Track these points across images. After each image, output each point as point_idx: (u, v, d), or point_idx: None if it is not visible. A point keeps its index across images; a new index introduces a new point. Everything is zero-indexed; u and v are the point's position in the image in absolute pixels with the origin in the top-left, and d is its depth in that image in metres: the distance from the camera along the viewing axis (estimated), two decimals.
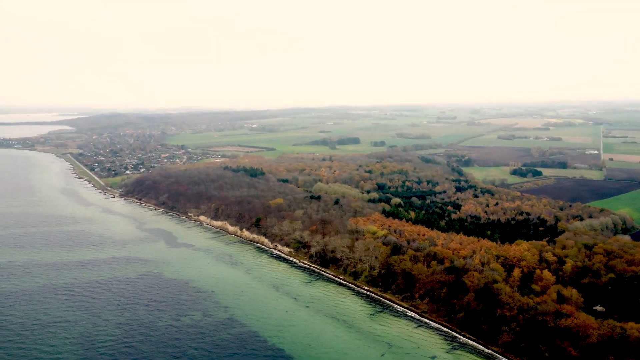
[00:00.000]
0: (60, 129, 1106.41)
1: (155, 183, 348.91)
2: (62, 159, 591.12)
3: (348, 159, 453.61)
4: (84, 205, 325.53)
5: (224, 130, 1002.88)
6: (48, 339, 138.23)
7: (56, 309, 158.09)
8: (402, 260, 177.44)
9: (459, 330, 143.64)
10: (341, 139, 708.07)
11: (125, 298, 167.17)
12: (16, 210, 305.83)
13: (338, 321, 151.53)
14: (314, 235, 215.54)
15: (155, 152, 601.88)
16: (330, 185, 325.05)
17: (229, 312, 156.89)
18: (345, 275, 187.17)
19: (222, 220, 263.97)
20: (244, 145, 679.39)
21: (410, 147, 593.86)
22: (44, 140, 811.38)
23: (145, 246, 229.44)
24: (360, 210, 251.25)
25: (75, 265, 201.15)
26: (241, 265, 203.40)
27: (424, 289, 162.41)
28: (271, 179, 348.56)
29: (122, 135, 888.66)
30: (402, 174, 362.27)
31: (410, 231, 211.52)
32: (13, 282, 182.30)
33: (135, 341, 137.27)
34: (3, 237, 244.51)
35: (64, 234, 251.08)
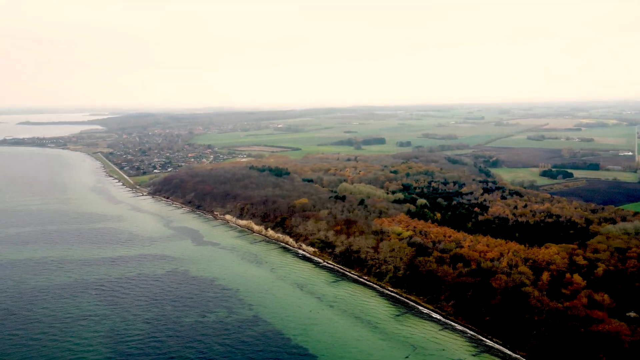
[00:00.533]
0: (91, 129, 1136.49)
1: (182, 182, 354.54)
2: (93, 157, 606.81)
3: (373, 160, 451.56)
4: (113, 203, 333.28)
5: (249, 130, 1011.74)
6: (80, 332, 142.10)
7: (87, 304, 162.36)
8: (427, 261, 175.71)
9: (485, 334, 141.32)
10: (366, 139, 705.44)
11: (153, 294, 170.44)
12: (50, 208, 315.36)
13: (362, 322, 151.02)
14: (338, 236, 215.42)
15: (182, 152, 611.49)
16: (355, 185, 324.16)
17: (254, 310, 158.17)
18: (369, 276, 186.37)
19: (247, 219, 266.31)
20: (269, 145, 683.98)
21: (437, 148, 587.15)
22: (76, 140, 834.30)
23: (173, 244, 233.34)
24: (385, 210, 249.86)
25: (105, 262, 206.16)
26: (266, 264, 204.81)
27: (449, 291, 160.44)
28: (296, 178, 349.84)
29: (150, 134, 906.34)
30: (428, 175, 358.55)
31: (436, 232, 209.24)
32: (46, 277, 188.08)
33: (162, 336, 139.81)
34: (37, 233, 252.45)
35: (94, 231, 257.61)
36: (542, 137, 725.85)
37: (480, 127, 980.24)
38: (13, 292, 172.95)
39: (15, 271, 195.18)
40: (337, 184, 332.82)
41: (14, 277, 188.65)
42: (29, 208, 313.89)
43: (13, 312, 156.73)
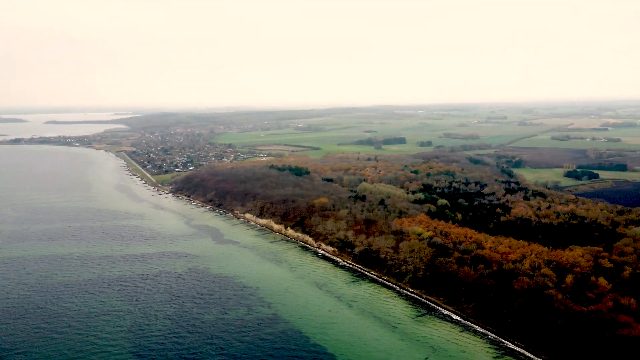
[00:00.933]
0: (115, 128, 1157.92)
1: (203, 181, 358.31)
2: (116, 156, 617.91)
3: (393, 159, 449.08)
4: (136, 201, 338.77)
5: (270, 129, 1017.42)
6: (103, 327, 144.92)
7: (110, 299, 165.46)
8: (448, 262, 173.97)
9: (506, 337, 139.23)
10: (387, 139, 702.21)
11: (174, 291, 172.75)
12: (75, 205, 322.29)
13: (381, 322, 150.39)
14: (358, 235, 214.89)
15: (203, 151, 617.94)
16: (375, 185, 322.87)
17: (273, 308, 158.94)
18: (389, 276, 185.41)
19: (267, 218, 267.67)
20: (289, 144, 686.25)
21: (458, 148, 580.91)
22: (100, 139, 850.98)
23: (194, 242, 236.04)
24: (405, 210, 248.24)
25: (128, 258, 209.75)
26: (285, 263, 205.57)
27: (470, 293, 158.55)
28: (316, 178, 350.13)
29: (172, 133, 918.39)
30: (449, 175, 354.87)
31: (456, 233, 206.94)
32: (71, 273, 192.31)
33: (183, 332, 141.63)
34: (63, 230, 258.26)
35: (118, 228, 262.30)
36: (566, 137, 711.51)
37: (502, 126, 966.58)
38: (40, 287, 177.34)
39: (42, 266, 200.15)
40: (357, 184, 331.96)
41: (41, 272, 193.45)
42: (55, 205, 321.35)
43: (40, 306, 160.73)
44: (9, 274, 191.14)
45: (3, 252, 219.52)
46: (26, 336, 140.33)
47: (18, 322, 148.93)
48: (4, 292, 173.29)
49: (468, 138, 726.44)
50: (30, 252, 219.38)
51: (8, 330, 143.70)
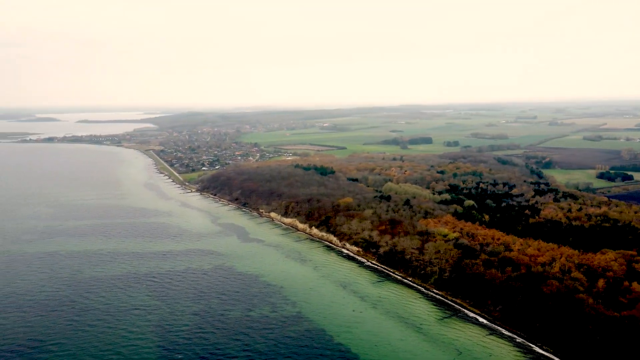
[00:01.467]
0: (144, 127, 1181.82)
1: (229, 179, 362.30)
2: (145, 155, 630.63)
3: (419, 159, 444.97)
4: (164, 199, 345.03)
5: (295, 128, 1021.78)
6: (131, 322, 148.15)
7: (139, 295, 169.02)
8: (474, 264, 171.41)
9: (534, 341, 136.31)
10: (413, 139, 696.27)
11: (200, 288, 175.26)
12: (105, 202, 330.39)
13: (406, 323, 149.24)
14: (382, 235, 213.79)
15: (230, 150, 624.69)
16: (400, 185, 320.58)
17: (297, 307, 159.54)
18: (414, 277, 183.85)
19: (292, 217, 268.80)
20: (314, 143, 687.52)
21: (486, 148, 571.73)
22: (130, 137, 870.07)
23: (219, 240, 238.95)
24: (431, 211, 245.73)
25: (156, 255, 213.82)
26: (310, 262, 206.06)
27: (497, 296, 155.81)
28: (341, 177, 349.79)
29: (199, 133, 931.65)
30: (476, 176, 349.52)
31: (483, 235, 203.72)
32: (101, 268, 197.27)
33: (209, 329, 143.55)
34: (94, 226, 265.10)
35: (146, 225, 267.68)
36: (599, 138, 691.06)
37: (532, 126, 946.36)
38: (71, 281, 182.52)
39: (74, 261, 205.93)
40: (382, 184, 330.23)
41: (73, 267, 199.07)
42: (87, 202, 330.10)
43: (72, 299, 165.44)
44: (43, 269, 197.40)
45: (38, 247, 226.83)
46: (59, 328, 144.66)
47: (52, 315, 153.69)
48: (39, 285, 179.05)
49: (496, 138, 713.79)
50: (62, 248, 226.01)
51: (43, 322, 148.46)
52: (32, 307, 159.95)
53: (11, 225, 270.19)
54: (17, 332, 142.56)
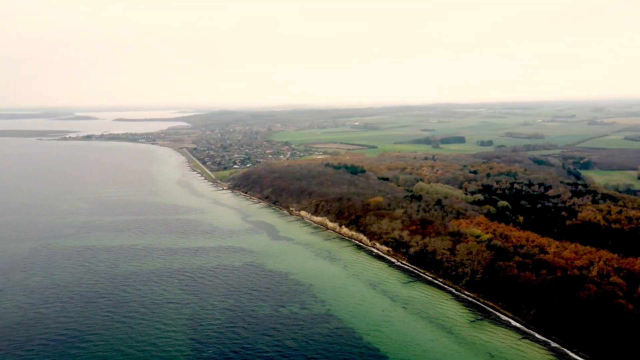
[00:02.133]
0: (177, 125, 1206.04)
1: (260, 177, 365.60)
2: (178, 152, 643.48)
3: (452, 159, 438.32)
4: (196, 196, 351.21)
5: (326, 127, 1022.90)
6: (163, 316, 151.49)
7: (170, 290, 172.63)
8: (507, 266, 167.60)
9: (570, 347, 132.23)
10: (445, 138, 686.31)
11: (230, 284, 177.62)
12: (140, 199, 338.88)
13: (436, 325, 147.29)
14: (413, 236, 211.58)
15: (260, 148, 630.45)
16: (432, 185, 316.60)
17: (326, 306, 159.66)
18: (444, 279, 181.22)
19: (322, 216, 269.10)
20: (345, 142, 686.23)
21: (521, 148, 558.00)
22: (164, 136, 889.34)
23: (250, 237, 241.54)
24: (463, 211, 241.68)
25: (189, 251, 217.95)
26: (339, 261, 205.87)
27: (531, 299, 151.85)
28: (371, 177, 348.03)
29: (231, 131, 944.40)
30: (510, 176, 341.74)
31: (517, 236, 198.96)
32: (136, 263, 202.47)
33: (238, 326, 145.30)
34: (129, 222, 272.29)
35: (179, 221, 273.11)
36: None
37: (570, 126, 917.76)
38: (107, 276, 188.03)
39: (110, 256, 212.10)
40: (413, 183, 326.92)
41: (109, 261, 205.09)
42: (123, 199, 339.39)
43: (108, 292, 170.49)
44: (82, 262, 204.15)
45: (76, 242, 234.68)
46: (97, 319, 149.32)
47: (89, 306, 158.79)
48: (77, 278, 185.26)
49: (532, 137, 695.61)
50: (99, 242, 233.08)
51: (78, 315, 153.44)
52: (71, 299, 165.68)
53: (52, 219, 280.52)
54: (57, 322, 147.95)
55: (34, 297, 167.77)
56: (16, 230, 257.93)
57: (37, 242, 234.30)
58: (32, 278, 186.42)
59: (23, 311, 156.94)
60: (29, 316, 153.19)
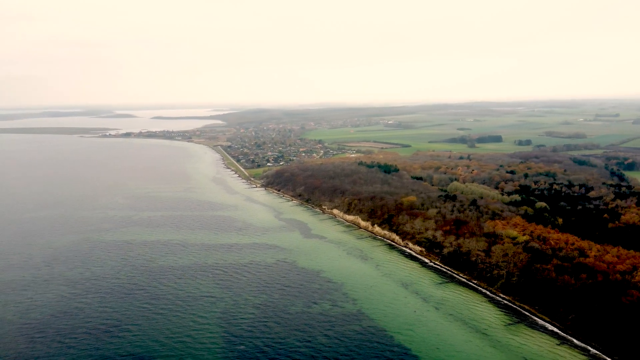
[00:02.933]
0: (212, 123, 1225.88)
1: (293, 175, 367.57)
2: (213, 150, 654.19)
3: (488, 158, 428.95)
4: (230, 193, 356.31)
5: (359, 125, 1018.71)
6: (198, 310, 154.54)
7: (205, 285, 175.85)
8: (545, 269, 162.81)
9: (610, 354, 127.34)
10: (481, 137, 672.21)
11: (262, 281, 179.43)
12: (176, 195, 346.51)
13: (470, 327, 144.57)
14: (447, 236, 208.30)
15: (294, 146, 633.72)
16: (467, 185, 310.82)
17: (358, 305, 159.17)
18: (479, 280, 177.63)
19: (354, 214, 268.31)
20: (378, 141, 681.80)
21: (561, 147, 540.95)
22: (199, 133, 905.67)
23: (282, 234, 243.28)
24: (499, 212, 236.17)
25: (222, 247, 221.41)
26: (371, 260, 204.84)
27: (570, 303, 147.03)
28: (405, 176, 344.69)
29: (265, 129, 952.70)
30: (549, 176, 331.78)
31: (556, 239, 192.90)
32: (172, 258, 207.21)
33: (270, 322, 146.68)
34: (165, 218, 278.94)
35: (213, 218, 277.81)
36: None
37: (614, 125, 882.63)
38: (144, 270, 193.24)
39: (146, 250, 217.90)
40: (448, 183, 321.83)
41: (145, 255, 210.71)
42: (159, 195, 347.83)
43: (144, 286, 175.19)
44: (119, 256, 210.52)
45: (114, 236, 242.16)
46: (134, 312, 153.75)
47: (125, 300, 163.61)
48: (114, 272, 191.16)
49: (573, 137, 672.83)
50: (137, 237, 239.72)
51: (117, 307, 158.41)
52: (111, 291, 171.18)
53: (92, 214, 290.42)
54: (98, 313, 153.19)
55: (76, 288, 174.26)
56: (59, 224, 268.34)
57: (79, 236, 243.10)
58: (73, 270, 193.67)
59: (66, 301, 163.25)
60: (72, 306, 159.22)
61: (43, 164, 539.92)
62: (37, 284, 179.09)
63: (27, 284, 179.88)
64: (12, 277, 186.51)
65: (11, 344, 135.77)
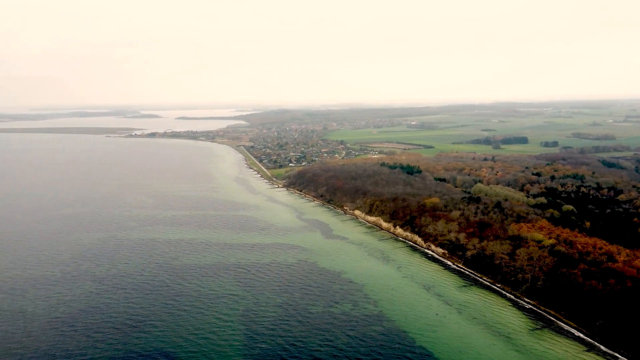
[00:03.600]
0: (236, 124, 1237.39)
1: (315, 176, 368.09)
2: (236, 150, 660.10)
3: (513, 160, 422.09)
4: (252, 193, 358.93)
5: (382, 126, 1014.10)
6: (220, 309, 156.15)
7: (227, 284, 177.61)
8: (572, 274, 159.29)
9: None
10: (506, 138, 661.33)
11: (284, 281, 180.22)
12: (199, 195, 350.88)
13: (493, 331, 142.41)
14: (470, 238, 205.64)
15: (316, 147, 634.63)
16: (491, 186, 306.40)
17: (379, 306, 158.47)
18: (503, 284, 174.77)
19: (376, 216, 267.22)
20: (401, 142, 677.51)
21: (589, 149, 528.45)
22: (223, 134, 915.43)
23: (304, 235, 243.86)
24: (524, 215, 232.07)
25: (244, 247, 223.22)
26: (392, 262, 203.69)
27: (597, 309, 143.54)
28: (428, 177, 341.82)
29: (287, 130, 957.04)
30: (576, 179, 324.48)
31: (583, 243, 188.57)
32: (195, 256, 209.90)
33: (291, 321, 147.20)
34: (188, 217, 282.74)
35: (235, 217, 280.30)
36: None
37: None
38: (167, 267, 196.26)
39: (170, 249, 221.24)
40: (472, 185, 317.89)
41: (169, 254, 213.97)
42: (183, 194, 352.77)
43: (168, 284, 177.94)
44: (143, 254, 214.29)
45: (139, 234, 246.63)
46: (157, 309, 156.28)
47: (150, 297, 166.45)
48: (138, 269, 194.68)
49: (602, 139, 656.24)
50: (161, 235, 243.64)
51: (142, 303, 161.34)
52: (135, 288, 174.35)
53: (118, 212, 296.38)
54: (122, 309, 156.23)
55: (102, 285, 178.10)
56: (87, 221, 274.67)
57: (105, 233, 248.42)
58: (100, 267, 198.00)
59: (93, 297, 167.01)
60: (99, 302, 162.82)
61: (70, 163, 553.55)
62: (65, 280, 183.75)
63: (56, 279, 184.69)
64: (42, 273, 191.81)
65: (41, 337, 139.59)
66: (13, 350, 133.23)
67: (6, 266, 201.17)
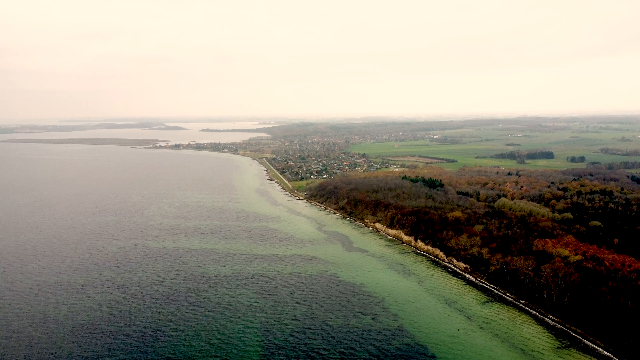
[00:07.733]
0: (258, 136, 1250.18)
1: (336, 189, 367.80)
2: (258, 162, 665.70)
3: (538, 175, 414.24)
4: (273, 205, 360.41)
5: (405, 140, 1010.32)
6: (239, 318, 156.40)
7: (246, 294, 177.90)
8: (599, 291, 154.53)
9: None
10: (531, 153, 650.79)
11: (304, 292, 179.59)
12: (221, 205, 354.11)
13: (517, 349, 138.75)
14: (493, 253, 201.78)
15: (338, 160, 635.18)
16: (515, 201, 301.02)
17: (399, 321, 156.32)
18: (527, 300, 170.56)
19: (397, 229, 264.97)
20: (424, 155, 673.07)
21: (618, 165, 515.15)
22: (245, 146, 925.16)
23: (324, 247, 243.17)
24: (550, 231, 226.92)
25: (265, 258, 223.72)
26: (413, 276, 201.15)
27: (626, 329, 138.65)
28: (450, 191, 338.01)
29: (309, 142, 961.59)
30: (604, 195, 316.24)
31: (611, 260, 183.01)
32: (216, 266, 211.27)
33: (310, 333, 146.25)
34: (210, 227, 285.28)
35: (256, 228, 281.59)
36: None
37: None
38: (189, 276, 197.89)
39: (191, 258, 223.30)
40: (495, 199, 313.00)
41: (190, 263, 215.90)
42: (206, 204, 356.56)
43: (189, 292, 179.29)
44: (167, 262, 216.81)
45: (161, 243, 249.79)
46: (178, 317, 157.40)
47: (172, 304, 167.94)
48: (160, 277, 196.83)
49: (631, 154, 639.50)
50: (183, 245, 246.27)
51: (164, 309, 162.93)
52: (156, 297, 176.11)
53: (142, 221, 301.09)
54: (142, 317, 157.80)
55: (125, 292, 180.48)
56: (112, 230, 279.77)
57: (128, 242, 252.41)
58: (123, 274, 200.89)
59: (116, 304, 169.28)
60: (121, 309, 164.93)
61: (97, 173, 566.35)
62: (88, 287, 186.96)
63: (80, 286, 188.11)
64: (67, 280, 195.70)
65: (63, 343, 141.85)
66: (36, 355, 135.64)
67: (33, 272, 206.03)
